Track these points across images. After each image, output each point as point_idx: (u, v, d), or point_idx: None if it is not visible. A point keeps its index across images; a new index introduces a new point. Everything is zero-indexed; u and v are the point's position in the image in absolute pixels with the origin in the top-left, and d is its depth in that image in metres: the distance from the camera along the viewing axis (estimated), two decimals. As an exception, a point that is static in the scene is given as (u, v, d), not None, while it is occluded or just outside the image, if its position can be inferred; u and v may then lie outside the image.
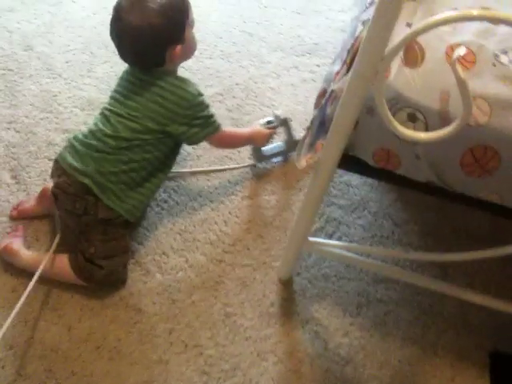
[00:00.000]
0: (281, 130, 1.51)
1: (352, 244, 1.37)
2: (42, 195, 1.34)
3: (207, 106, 1.27)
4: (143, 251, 1.34)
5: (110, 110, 1.25)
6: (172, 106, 1.22)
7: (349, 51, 0.91)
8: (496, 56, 0.85)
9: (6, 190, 1.41)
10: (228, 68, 1.73)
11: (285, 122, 1.47)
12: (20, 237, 1.31)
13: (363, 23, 0.92)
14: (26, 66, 1.69)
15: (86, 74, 1.68)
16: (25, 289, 1.17)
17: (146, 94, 1.22)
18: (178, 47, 1.22)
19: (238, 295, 1.29)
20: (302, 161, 0.99)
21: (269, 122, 1.45)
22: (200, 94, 1.26)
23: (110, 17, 1.20)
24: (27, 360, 1.17)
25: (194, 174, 1.50)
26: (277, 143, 1.52)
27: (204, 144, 1.37)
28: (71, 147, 1.24)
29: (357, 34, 0.91)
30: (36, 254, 1.28)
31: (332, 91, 0.92)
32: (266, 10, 1.92)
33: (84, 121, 1.56)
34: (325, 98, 0.96)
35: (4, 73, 1.66)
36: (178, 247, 1.35)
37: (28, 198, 1.39)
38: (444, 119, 0.82)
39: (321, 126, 0.98)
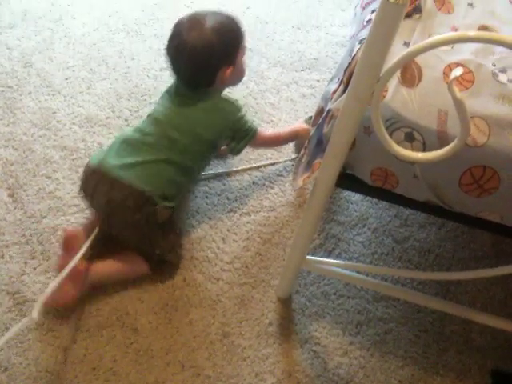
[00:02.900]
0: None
1: (351, 262, 1.35)
2: (67, 244, 1.23)
3: (246, 118, 1.36)
4: (141, 269, 1.32)
5: (160, 120, 1.30)
6: (220, 122, 1.31)
7: (345, 70, 0.90)
8: (495, 75, 0.85)
9: (3, 209, 1.40)
10: (227, 84, 1.73)
11: None
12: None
13: (360, 42, 0.92)
14: (26, 83, 1.69)
15: (86, 91, 1.68)
16: (21, 309, 1.16)
17: (197, 111, 1.30)
18: (229, 69, 1.30)
19: (236, 314, 1.28)
20: (299, 180, 0.98)
21: (311, 118, 1.45)
22: (240, 108, 1.35)
23: (169, 34, 1.30)
24: (22, 382, 1.16)
25: (230, 174, 1.54)
26: None
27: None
28: (117, 155, 1.25)
29: (354, 52, 0.90)
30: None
31: (329, 110, 0.91)
32: (267, 25, 1.92)
33: (82, 138, 1.56)
34: (322, 117, 0.95)
35: (3, 90, 1.66)
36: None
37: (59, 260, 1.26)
38: (442, 139, 0.81)
39: (318, 144, 0.97)
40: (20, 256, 1.32)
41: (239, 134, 1.34)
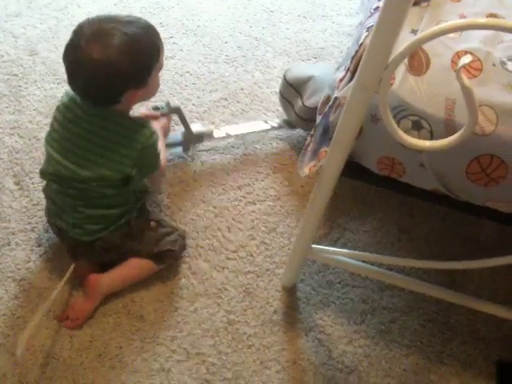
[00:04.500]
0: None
1: (356, 252, 1.35)
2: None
3: (156, 147, 1.18)
4: (146, 257, 1.33)
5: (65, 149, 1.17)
6: (122, 150, 1.13)
7: (352, 58, 0.90)
8: (503, 63, 0.84)
9: (9, 196, 1.40)
10: (233, 73, 1.72)
11: (177, 111, 1.37)
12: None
13: (367, 29, 0.91)
14: (31, 71, 1.68)
15: (91, 79, 1.68)
16: (27, 296, 1.16)
17: (96, 135, 1.13)
18: (139, 92, 1.10)
19: (241, 302, 1.28)
20: (305, 169, 0.98)
21: (156, 108, 1.35)
22: (151, 135, 1.15)
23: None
24: (28, 368, 1.17)
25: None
26: (173, 134, 1.47)
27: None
28: (59, 207, 1.23)
29: (361, 40, 0.90)
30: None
31: (335, 98, 0.91)
32: (273, 14, 1.91)
33: (88, 126, 1.56)
34: (328, 105, 0.95)
35: (8, 78, 1.66)
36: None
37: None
38: (449, 127, 0.81)
39: (324, 133, 0.97)
40: (26, 243, 1.33)
41: (147, 162, 1.18)
